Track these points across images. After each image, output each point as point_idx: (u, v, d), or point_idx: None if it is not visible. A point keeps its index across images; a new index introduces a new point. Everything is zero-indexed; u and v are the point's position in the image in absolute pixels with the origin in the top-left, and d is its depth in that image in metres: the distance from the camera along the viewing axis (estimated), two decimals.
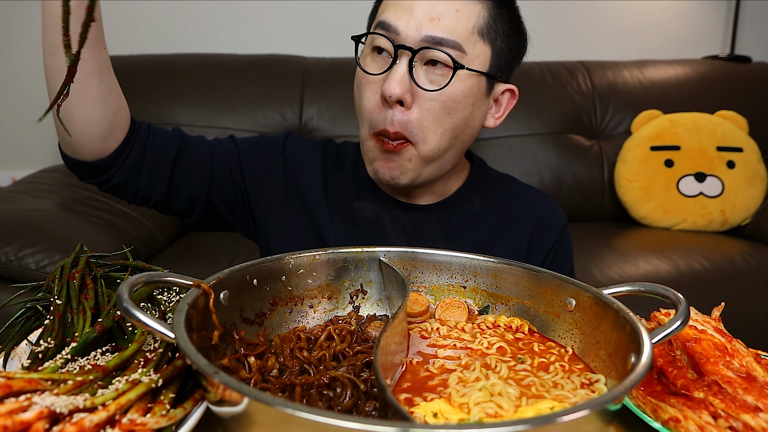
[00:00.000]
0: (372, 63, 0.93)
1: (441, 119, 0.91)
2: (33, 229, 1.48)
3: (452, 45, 0.87)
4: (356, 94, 0.97)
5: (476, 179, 1.10)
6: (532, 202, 1.13)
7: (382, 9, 0.93)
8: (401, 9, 0.89)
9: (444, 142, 0.93)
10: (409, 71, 0.88)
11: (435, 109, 0.90)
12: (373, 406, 0.52)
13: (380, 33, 0.90)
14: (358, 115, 0.98)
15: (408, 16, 0.88)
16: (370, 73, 0.91)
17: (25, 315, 0.66)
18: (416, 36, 0.87)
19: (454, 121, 0.92)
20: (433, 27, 0.87)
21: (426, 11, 0.87)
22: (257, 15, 2.47)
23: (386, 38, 0.89)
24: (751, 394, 0.57)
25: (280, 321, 0.69)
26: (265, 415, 0.42)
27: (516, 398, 0.54)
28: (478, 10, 0.90)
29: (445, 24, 0.87)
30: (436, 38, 0.87)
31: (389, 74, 0.88)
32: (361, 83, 0.94)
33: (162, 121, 2.10)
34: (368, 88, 0.92)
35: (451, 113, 0.91)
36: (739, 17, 2.74)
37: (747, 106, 2.35)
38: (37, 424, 0.44)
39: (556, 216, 1.13)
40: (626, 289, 0.65)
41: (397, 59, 0.88)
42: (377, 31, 0.91)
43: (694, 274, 1.75)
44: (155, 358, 0.55)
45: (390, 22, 0.89)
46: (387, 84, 0.87)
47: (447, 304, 0.73)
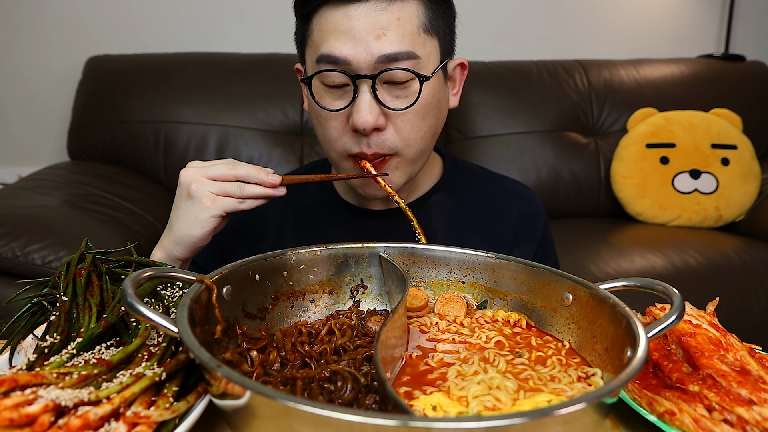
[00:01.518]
0: (328, 97, 0.88)
1: (418, 125, 0.90)
2: (39, 226, 1.48)
3: (406, 56, 0.84)
4: (317, 126, 0.93)
5: (450, 174, 1.10)
6: (511, 194, 1.13)
7: (318, 39, 0.86)
8: (342, 36, 0.83)
9: (426, 142, 0.93)
10: (374, 97, 0.84)
11: (410, 120, 0.88)
12: (374, 399, 0.53)
13: (331, 69, 0.84)
14: (324, 144, 0.94)
15: (352, 42, 0.82)
16: (333, 110, 0.87)
17: (31, 310, 0.66)
18: (369, 60, 0.83)
19: (429, 122, 0.91)
20: (383, 44, 0.82)
21: (369, 30, 0.82)
22: (260, 14, 2.47)
23: (340, 72, 0.84)
24: (745, 387, 0.58)
25: (282, 315, 0.70)
26: (266, 408, 0.42)
27: (514, 392, 0.54)
28: (416, 9, 0.86)
29: (393, 37, 0.83)
30: (389, 55, 0.83)
31: (356, 106, 0.84)
32: (321, 116, 0.90)
33: (166, 119, 2.11)
34: (332, 121, 0.89)
35: (426, 117, 0.90)
36: (733, 16, 2.76)
37: (741, 104, 2.37)
38: (42, 417, 0.45)
39: (536, 207, 1.13)
40: (622, 284, 0.66)
41: (357, 89, 0.84)
42: (326, 68, 0.85)
43: (689, 269, 1.76)
44: (159, 352, 0.56)
45: (336, 54, 0.83)
46: (358, 117, 0.84)
47: (446, 299, 0.74)
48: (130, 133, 2.12)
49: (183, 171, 0.85)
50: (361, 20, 0.82)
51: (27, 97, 2.39)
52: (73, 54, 2.33)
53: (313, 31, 0.87)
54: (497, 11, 2.60)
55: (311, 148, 2.17)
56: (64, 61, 2.36)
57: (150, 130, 2.11)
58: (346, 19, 0.83)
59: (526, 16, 2.66)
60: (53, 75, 2.38)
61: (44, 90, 2.39)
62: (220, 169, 0.83)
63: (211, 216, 0.82)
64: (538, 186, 2.23)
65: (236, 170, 0.83)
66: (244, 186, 0.83)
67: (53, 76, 2.38)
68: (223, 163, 0.84)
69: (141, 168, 2.13)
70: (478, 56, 2.42)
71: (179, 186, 0.85)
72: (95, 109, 2.15)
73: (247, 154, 2.11)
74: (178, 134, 2.11)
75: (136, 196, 1.91)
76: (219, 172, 0.83)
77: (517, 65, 2.38)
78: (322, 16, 0.85)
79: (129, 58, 2.23)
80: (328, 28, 0.84)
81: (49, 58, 2.37)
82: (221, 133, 2.11)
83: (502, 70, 2.34)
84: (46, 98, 2.40)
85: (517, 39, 2.66)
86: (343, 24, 0.83)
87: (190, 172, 0.84)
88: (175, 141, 2.11)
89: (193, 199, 0.82)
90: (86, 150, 2.15)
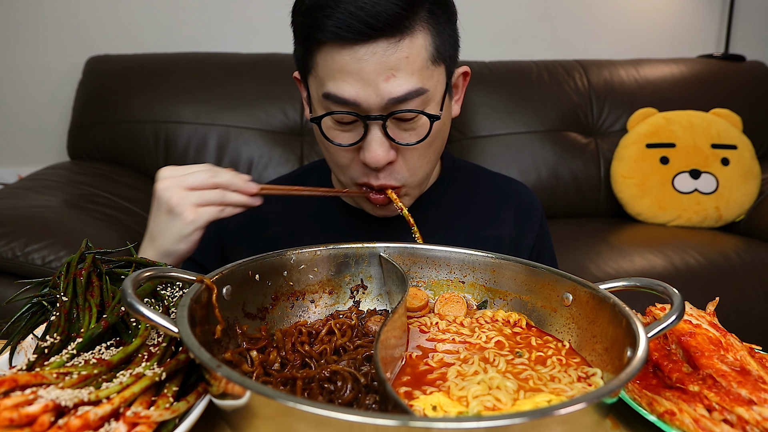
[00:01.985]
0: (337, 132, 0.87)
1: (425, 154, 0.89)
2: (39, 225, 1.48)
3: (416, 93, 0.81)
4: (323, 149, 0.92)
5: (449, 174, 1.11)
6: (508, 192, 1.13)
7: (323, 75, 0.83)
8: (351, 78, 0.80)
9: (431, 166, 0.93)
10: (385, 134, 0.83)
11: (419, 151, 0.88)
12: (374, 399, 0.53)
13: (340, 111, 0.83)
14: (332, 166, 0.94)
15: (361, 84, 0.80)
16: (344, 145, 0.86)
17: (31, 310, 0.66)
18: (379, 102, 0.81)
19: (436, 146, 0.91)
20: (393, 86, 0.80)
21: (379, 72, 0.79)
22: (260, 14, 2.47)
23: (349, 113, 0.82)
24: (745, 387, 0.58)
25: (282, 315, 0.70)
26: (266, 408, 0.42)
27: (514, 391, 0.54)
28: (423, 41, 0.82)
29: (402, 77, 0.80)
30: (399, 97, 0.80)
31: (367, 144, 0.83)
32: (331, 147, 0.89)
33: (166, 118, 2.11)
34: (341, 152, 0.88)
35: (433, 144, 0.89)
36: (733, 16, 2.76)
37: (741, 104, 2.37)
38: (42, 417, 0.45)
39: (533, 204, 1.13)
40: (622, 284, 0.66)
41: (368, 128, 0.83)
42: (335, 108, 0.83)
43: (689, 269, 1.76)
44: (159, 352, 0.56)
45: (344, 96, 0.81)
46: (369, 155, 0.83)
47: (446, 299, 0.74)
48: (130, 133, 2.12)
49: (159, 183, 0.82)
50: (369, 62, 0.79)
51: (27, 97, 2.39)
52: (73, 54, 2.33)
53: (317, 65, 0.84)
54: (497, 11, 2.60)
55: (311, 148, 2.17)
56: (64, 61, 2.36)
57: (150, 130, 2.11)
58: (354, 60, 0.79)
59: (525, 16, 2.66)
60: (53, 75, 2.38)
61: (44, 90, 2.39)
62: (199, 178, 0.81)
63: (196, 229, 0.81)
64: (538, 186, 2.23)
65: (216, 178, 0.81)
66: (225, 194, 0.81)
67: (53, 76, 2.38)
68: (201, 171, 0.81)
69: (141, 168, 2.13)
70: (478, 56, 2.42)
71: (156, 199, 0.82)
72: (95, 109, 2.15)
73: (247, 154, 2.11)
74: (178, 134, 2.11)
75: (136, 196, 1.91)
76: (198, 180, 0.81)
77: (517, 65, 2.38)
78: (327, 54, 0.81)
79: (129, 58, 2.23)
80: (334, 68, 0.81)
81: (49, 58, 2.37)
82: (221, 133, 2.12)
83: (502, 70, 2.34)
84: (46, 98, 2.40)
85: (517, 39, 2.66)
86: (351, 65, 0.79)
87: (167, 183, 0.81)
88: (175, 141, 2.11)
89: (175, 214, 0.80)
90: (86, 150, 2.15)
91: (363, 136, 0.84)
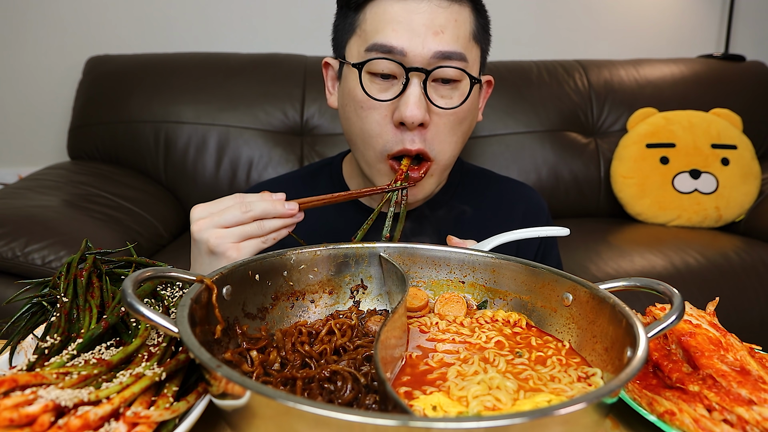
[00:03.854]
0: (375, 87, 0.87)
1: (455, 130, 0.90)
2: (39, 225, 1.48)
3: (459, 57, 0.85)
4: (354, 119, 0.91)
5: (457, 177, 1.11)
6: (514, 195, 1.14)
7: (371, 29, 0.86)
8: (401, 27, 0.83)
9: (457, 149, 0.94)
10: (423, 92, 0.84)
11: (450, 122, 0.89)
12: (374, 399, 0.53)
13: (385, 57, 0.84)
14: (359, 140, 0.93)
15: (410, 35, 0.83)
16: (380, 100, 0.86)
17: (31, 310, 0.66)
18: (425, 54, 0.83)
19: (464, 128, 0.92)
20: (440, 41, 0.83)
21: (428, 26, 0.83)
22: (260, 14, 2.47)
23: (394, 61, 0.84)
24: (745, 387, 0.58)
25: (282, 315, 0.70)
26: (266, 408, 0.42)
27: (514, 391, 0.54)
28: (469, 16, 0.88)
29: (449, 36, 0.84)
30: (445, 53, 0.83)
31: (404, 99, 0.84)
32: (362, 108, 0.88)
33: (166, 118, 2.11)
34: (374, 112, 0.88)
35: (463, 122, 0.91)
36: (733, 17, 2.76)
37: (741, 104, 2.37)
38: (42, 417, 0.45)
39: (539, 206, 1.14)
40: (622, 284, 0.66)
41: (408, 81, 0.84)
42: (381, 56, 0.84)
43: (689, 269, 1.76)
44: (159, 352, 0.56)
45: (392, 44, 0.83)
46: (406, 109, 0.83)
47: (446, 299, 0.74)
48: (130, 133, 2.12)
49: (193, 225, 0.79)
50: (421, 15, 0.83)
51: (27, 97, 2.39)
52: (73, 54, 2.33)
53: (366, 21, 0.87)
54: (497, 11, 2.58)
55: (311, 148, 2.17)
56: (64, 61, 2.37)
57: (150, 130, 2.11)
58: (406, 12, 0.83)
59: (525, 16, 2.66)
60: (53, 75, 2.38)
61: (44, 90, 2.39)
62: (233, 216, 0.77)
63: None
64: (538, 186, 2.24)
65: (251, 212, 0.78)
66: (263, 224, 0.79)
67: (53, 76, 2.38)
68: (233, 207, 0.78)
69: (141, 168, 2.13)
70: None
71: (195, 242, 0.79)
72: (95, 109, 2.15)
73: (247, 154, 2.11)
74: (178, 134, 2.11)
75: (136, 196, 1.91)
76: (233, 219, 0.77)
77: (517, 65, 2.39)
78: (378, 6, 0.85)
79: (129, 58, 2.23)
80: (385, 18, 0.84)
81: (49, 58, 2.37)
82: (221, 133, 2.12)
83: (502, 70, 2.34)
84: (46, 98, 2.40)
85: (517, 39, 2.66)
86: (402, 16, 0.83)
87: (202, 224, 0.78)
88: (175, 141, 2.11)
89: (217, 254, 0.78)
90: (86, 150, 2.15)
91: (402, 91, 0.85)
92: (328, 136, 2.18)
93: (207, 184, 2.11)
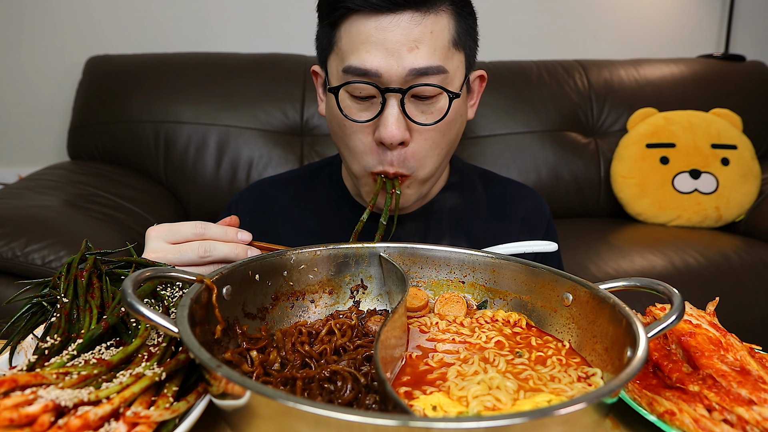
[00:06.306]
0: (354, 107, 0.86)
1: (438, 143, 0.89)
2: (39, 226, 1.48)
3: (436, 71, 0.82)
4: (340, 135, 0.91)
5: (457, 178, 1.11)
6: (516, 197, 1.14)
7: (346, 48, 0.84)
8: (374, 48, 0.80)
9: (440, 160, 0.92)
10: (402, 111, 0.83)
11: (432, 137, 0.87)
12: (374, 399, 0.53)
13: (359, 81, 0.82)
14: (345, 153, 0.93)
15: (384, 54, 0.80)
16: (359, 121, 0.85)
17: (31, 310, 0.66)
18: (401, 73, 0.81)
19: (449, 138, 0.91)
20: (415, 58, 0.80)
21: (403, 42, 0.80)
22: (260, 14, 2.47)
23: (369, 84, 0.82)
24: (745, 387, 0.58)
25: (282, 315, 0.70)
26: (266, 408, 0.42)
27: (514, 391, 0.54)
28: (447, 23, 0.84)
29: (425, 51, 0.81)
30: (421, 69, 0.81)
31: (383, 119, 0.83)
32: (345, 126, 0.88)
33: (166, 118, 2.11)
34: (357, 132, 0.87)
35: (447, 133, 0.90)
36: (733, 17, 2.76)
37: (741, 104, 2.37)
38: (42, 417, 0.45)
39: (541, 209, 1.14)
40: (622, 284, 0.66)
41: (385, 102, 0.83)
42: (354, 79, 0.83)
43: (689, 269, 1.76)
44: (159, 352, 0.56)
45: (366, 66, 0.81)
46: (385, 130, 0.82)
47: (446, 299, 0.74)
48: (130, 133, 2.12)
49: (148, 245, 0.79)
50: (394, 32, 0.80)
51: (27, 97, 2.39)
52: (73, 54, 2.33)
53: (342, 39, 0.85)
54: (497, 11, 2.60)
55: (311, 148, 2.17)
56: (64, 61, 2.36)
57: (150, 130, 2.11)
58: (379, 30, 0.80)
59: (525, 16, 2.66)
60: (53, 75, 2.38)
61: (44, 90, 2.39)
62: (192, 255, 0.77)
63: None
64: (538, 186, 2.24)
65: (210, 257, 0.78)
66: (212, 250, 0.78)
67: (53, 76, 2.38)
68: (194, 246, 0.78)
69: (141, 168, 2.13)
70: (478, 56, 2.41)
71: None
72: (95, 109, 2.15)
73: (247, 154, 2.12)
74: (178, 134, 2.11)
75: (136, 196, 1.91)
76: (192, 257, 0.78)
77: (517, 65, 2.39)
78: (351, 25, 0.83)
79: (129, 58, 2.23)
80: (359, 39, 0.82)
81: (49, 58, 2.37)
82: (221, 133, 2.12)
83: (502, 70, 2.34)
84: (46, 98, 2.40)
85: (517, 39, 2.66)
86: (376, 35, 0.80)
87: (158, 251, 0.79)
88: (175, 141, 2.11)
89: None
90: (86, 150, 2.15)
91: (380, 111, 0.83)
92: (328, 136, 2.18)
93: (207, 184, 2.11)
